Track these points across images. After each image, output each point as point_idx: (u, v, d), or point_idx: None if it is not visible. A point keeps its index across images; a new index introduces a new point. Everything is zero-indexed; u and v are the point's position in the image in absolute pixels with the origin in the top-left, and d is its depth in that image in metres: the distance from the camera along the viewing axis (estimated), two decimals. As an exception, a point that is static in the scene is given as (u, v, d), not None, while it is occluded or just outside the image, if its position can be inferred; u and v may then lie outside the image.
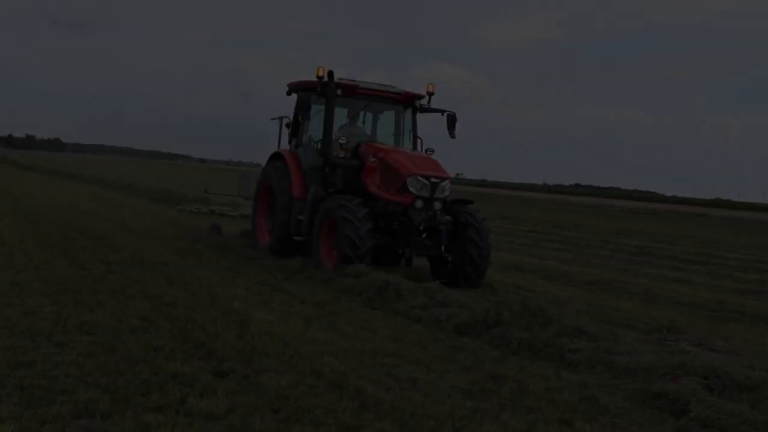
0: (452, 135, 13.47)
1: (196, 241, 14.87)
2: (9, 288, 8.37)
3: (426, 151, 13.34)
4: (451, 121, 13.41)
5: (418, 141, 13.66)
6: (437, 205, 11.68)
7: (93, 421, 4.55)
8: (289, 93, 13.98)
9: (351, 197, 11.59)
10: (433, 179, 11.66)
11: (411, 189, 11.55)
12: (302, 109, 13.17)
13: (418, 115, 13.71)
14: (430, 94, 13.51)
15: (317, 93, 12.62)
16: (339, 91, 12.46)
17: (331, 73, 12.32)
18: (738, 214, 61.64)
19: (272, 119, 14.75)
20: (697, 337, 8.42)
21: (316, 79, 12.49)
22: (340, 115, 13.16)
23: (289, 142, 14.07)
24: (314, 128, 13.27)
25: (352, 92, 12.89)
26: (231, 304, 8.56)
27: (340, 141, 12.53)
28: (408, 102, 13.53)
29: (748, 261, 20.58)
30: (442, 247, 11.61)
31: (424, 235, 11.58)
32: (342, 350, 6.81)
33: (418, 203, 11.54)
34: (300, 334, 7.35)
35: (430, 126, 15.41)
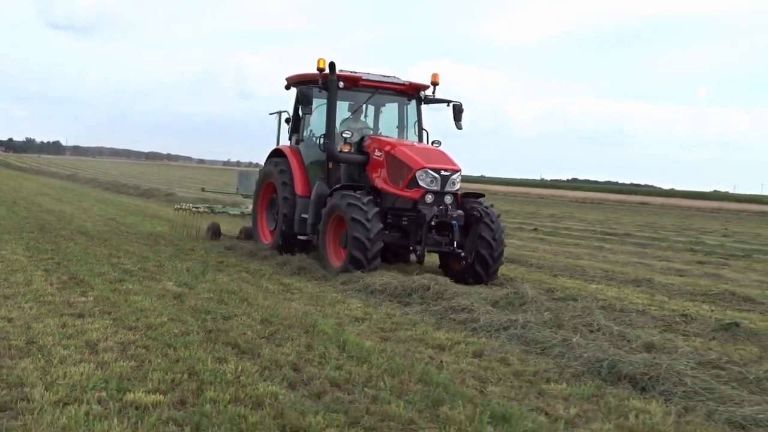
0: (458, 126, 13.20)
1: (98, 206, 24.51)
2: (-28, 217, 18.02)
3: (432, 143, 13.03)
4: (457, 111, 13.17)
5: (425, 133, 13.43)
6: (448, 198, 11.47)
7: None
8: (288, 87, 13.73)
9: (361, 193, 11.43)
10: (443, 172, 11.45)
11: (421, 183, 11.36)
12: (303, 104, 12.58)
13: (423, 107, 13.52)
14: (435, 84, 13.26)
15: (318, 86, 12.44)
16: (341, 84, 12.32)
17: (332, 65, 12.19)
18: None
19: (270, 114, 14.87)
20: None
21: (316, 72, 12.34)
22: (342, 109, 12.97)
23: (290, 138, 13.87)
24: (315, 123, 13.19)
25: (355, 84, 12.69)
26: (82, 223, 18.13)
27: (344, 135, 12.37)
28: (412, 93, 13.30)
29: None
30: (455, 243, 11.36)
31: (434, 231, 11.37)
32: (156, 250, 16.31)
33: (429, 197, 11.31)
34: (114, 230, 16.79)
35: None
